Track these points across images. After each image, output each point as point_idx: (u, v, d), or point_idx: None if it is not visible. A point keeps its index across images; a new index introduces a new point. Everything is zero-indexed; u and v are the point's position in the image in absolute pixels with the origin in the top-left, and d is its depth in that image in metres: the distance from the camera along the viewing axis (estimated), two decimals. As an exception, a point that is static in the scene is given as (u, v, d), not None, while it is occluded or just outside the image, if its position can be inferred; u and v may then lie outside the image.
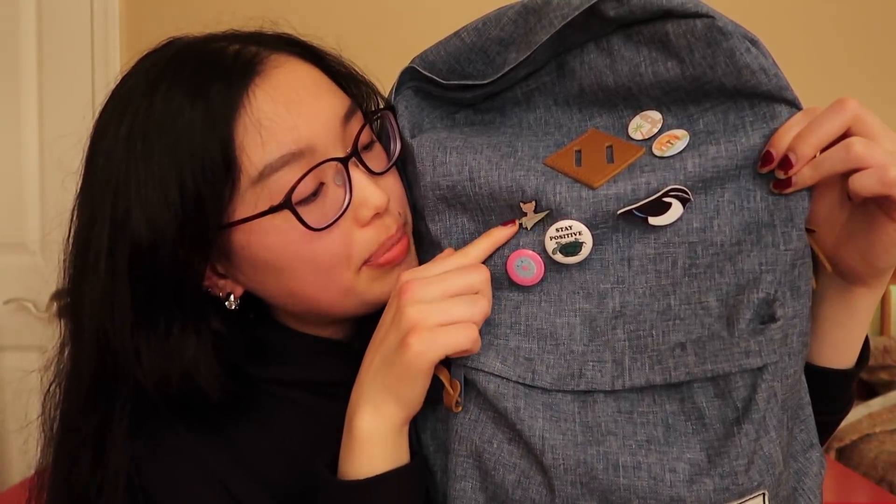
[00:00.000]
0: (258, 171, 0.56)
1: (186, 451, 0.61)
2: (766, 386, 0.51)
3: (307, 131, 0.57)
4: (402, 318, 0.53)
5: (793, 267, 0.54)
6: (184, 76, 0.57)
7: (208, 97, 0.56)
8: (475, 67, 0.61)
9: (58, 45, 1.95)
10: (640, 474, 0.51)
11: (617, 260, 0.55)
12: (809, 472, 0.57)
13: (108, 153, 0.58)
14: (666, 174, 0.53)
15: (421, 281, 0.54)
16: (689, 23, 0.53)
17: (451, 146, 0.59)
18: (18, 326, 1.92)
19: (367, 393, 0.55)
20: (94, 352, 0.59)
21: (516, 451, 0.55)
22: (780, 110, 0.53)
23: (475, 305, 0.54)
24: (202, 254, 0.58)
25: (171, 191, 0.55)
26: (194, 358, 0.59)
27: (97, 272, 0.58)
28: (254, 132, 0.56)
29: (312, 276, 0.59)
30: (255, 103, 0.56)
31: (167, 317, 0.59)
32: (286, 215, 0.57)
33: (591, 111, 0.60)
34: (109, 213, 0.57)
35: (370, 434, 0.55)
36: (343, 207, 0.58)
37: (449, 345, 0.53)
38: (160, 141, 0.56)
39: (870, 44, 2.29)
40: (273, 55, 0.60)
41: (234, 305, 0.63)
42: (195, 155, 0.55)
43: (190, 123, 0.55)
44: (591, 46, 0.58)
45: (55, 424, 0.64)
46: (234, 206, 0.57)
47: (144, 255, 0.56)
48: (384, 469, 0.55)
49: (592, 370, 0.54)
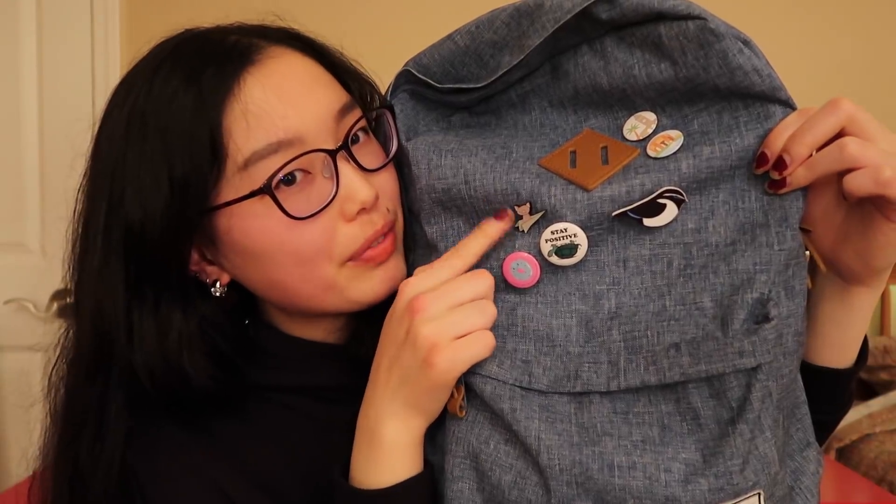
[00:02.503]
0: (245, 157, 0.57)
1: (185, 457, 0.62)
2: (760, 386, 0.51)
3: (297, 121, 0.57)
4: (418, 337, 0.52)
5: (787, 267, 0.54)
6: (183, 62, 0.58)
7: (200, 82, 0.57)
8: (469, 70, 0.61)
9: (58, 45, 1.95)
10: (635, 474, 0.51)
11: (612, 261, 0.55)
12: (806, 471, 0.57)
13: (110, 133, 0.60)
14: (660, 175, 0.54)
15: (430, 296, 0.53)
16: (681, 25, 0.53)
17: (446, 149, 0.59)
18: (18, 326, 1.92)
19: (390, 408, 0.55)
20: (92, 328, 0.61)
21: (513, 451, 0.55)
22: (775, 110, 0.53)
23: (486, 313, 0.54)
24: (187, 235, 0.59)
25: (160, 173, 0.57)
26: (179, 338, 0.60)
27: (95, 250, 0.59)
28: (242, 119, 0.56)
29: (293, 267, 0.59)
30: (246, 90, 0.57)
31: (156, 296, 0.60)
32: (268, 202, 0.57)
33: (585, 112, 0.60)
34: (108, 193, 0.59)
35: (396, 444, 0.55)
36: (329, 199, 0.58)
37: (471, 357, 0.53)
38: (154, 123, 0.57)
39: (864, 43, 2.29)
40: (272, 47, 0.60)
41: (219, 293, 0.63)
42: (184, 138, 0.56)
43: (182, 107, 0.56)
44: (585, 48, 0.58)
45: (59, 398, 0.65)
46: (220, 190, 0.58)
47: (136, 234, 0.58)
48: (405, 477, 0.55)
49: (588, 371, 0.54)
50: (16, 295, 1.93)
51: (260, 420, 0.65)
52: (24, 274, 1.91)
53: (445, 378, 0.53)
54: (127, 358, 0.60)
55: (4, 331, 1.94)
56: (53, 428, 0.65)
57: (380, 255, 0.61)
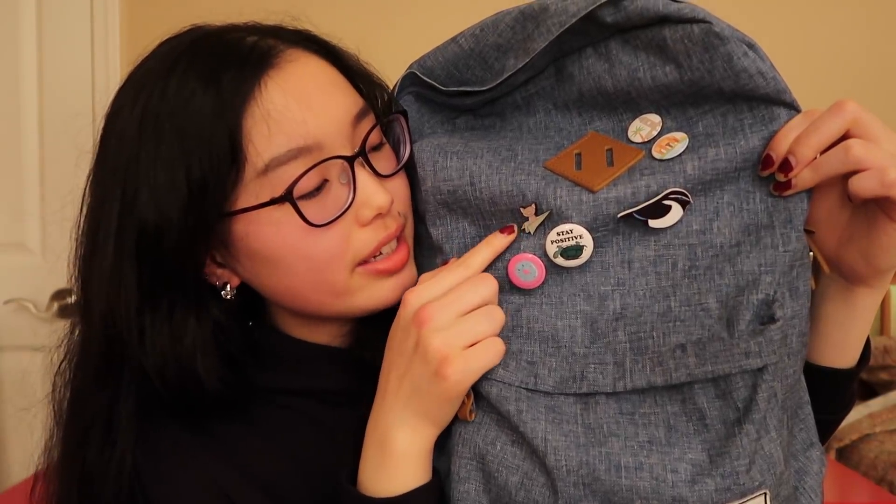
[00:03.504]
0: (264, 163, 0.56)
1: (189, 460, 0.62)
2: (766, 386, 0.51)
3: (316, 127, 0.57)
4: (428, 349, 0.52)
5: (791, 268, 0.54)
6: (199, 62, 0.57)
7: (220, 84, 0.56)
8: (473, 73, 0.61)
9: (58, 45, 1.95)
10: (641, 475, 0.51)
11: (617, 262, 0.55)
12: (810, 471, 0.58)
13: (121, 133, 0.58)
14: (665, 177, 0.54)
15: (436, 305, 0.53)
16: (686, 28, 0.53)
17: (452, 151, 0.59)
18: (18, 326, 1.91)
19: (401, 417, 0.55)
20: (102, 330, 0.60)
21: (519, 453, 0.55)
22: (779, 113, 0.53)
23: (494, 319, 0.54)
24: (204, 239, 0.58)
25: (177, 175, 0.56)
26: (193, 343, 0.59)
27: (106, 251, 0.58)
28: (262, 123, 0.56)
29: (306, 273, 0.59)
30: (266, 94, 0.56)
31: (170, 300, 0.59)
32: (286, 209, 0.57)
33: (590, 115, 0.60)
34: (120, 192, 0.58)
35: (407, 453, 0.55)
36: (345, 206, 0.58)
37: (483, 366, 0.53)
38: (171, 124, 0.56)
39: (869, 44, 2.29)
40: (290, 49, 0.60)
41: (230, 295, 0.63)
42: (203, 141, 0.55)
43: (200, 109, 0.56)
44: (590, 51, 0.58)
45: (65, 402, 0.64)
46: (238, 195, 0.57)
47: (150, 236, 0.57)
48: (415, 485, 0.56)
49: (594, 372, 0.54)
50: (16, 295, 1.92)
51: (263, 422, 0.65)
52: (24, 274, 1.91)
53: (457, 389, 0.53)
54: (138, 360, 0.59)
55: (4, 331, 1.93)
56: (59, 431, 0.65)
57: (395, 265, 0.61)
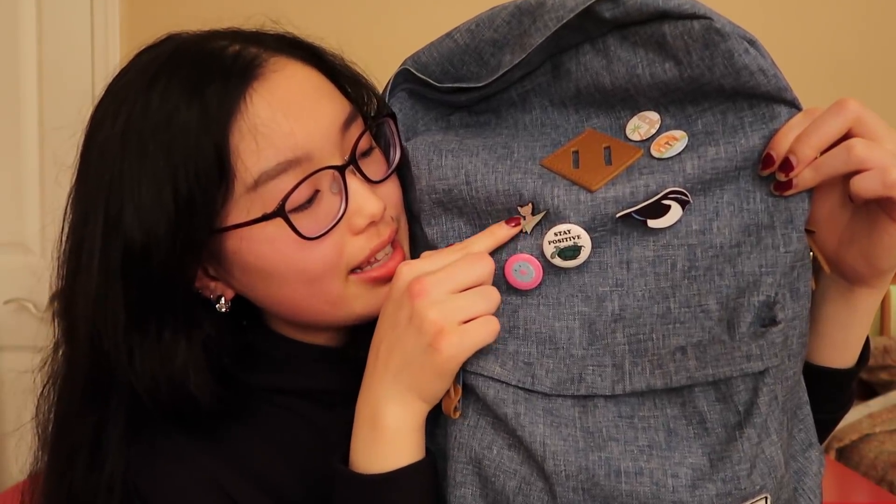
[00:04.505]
0: (254, 178, 0.55)
1: (186, 458, 0.61)
2: (767, 390, 0.51)
3: (304, 138, 0.56)
4: (423, 321, 0.52)
5: (792, 269, 0.54)
6: (182, 74, 0.56)
7: (204, 98, 0.55)
8: (469, 69, 0.60)
9: (58, 45, 1.95)
10: (642, 480, 0.51)
11: (616, 263, 0.55)
12: (809, 472, 0.57)
13: (102, 149, 0.57)
14: (665, 176, 0.53)
15: (432, 279, 0.53)
16: (686, 24, 0.52)
17: (447, 149, 0.58)
18: (18, 326, 1.92)
19: (391, 392, 0.55)
20: (88, 352, 0.58)
21: (516, 457, 0.54)
22: (780, 111, 0.53)
23: (490, 298, 0.54)
24: (194, 257, 0.57)
25: (164, 192, 0.55)
26: (184, 364, 0.58)
27: (90, 271, 0.57)
28: (249, 138, 0.55)
29: (301, 285, 0.59)
30: (253, 108, 0.55)
31: (159, 320, 0.58)
32: (279, 223, 0.56)
33: (587, 112, 0.59)
34: (103, 210, 0.56)
35: (399, 429, 0.55)
36: (338, 216, 0.58)
37: (477, 342, 0.53)
38: (155, 139, 0.55)
39: (870, 43, 2.29)
40: (273, 58, 0.58)
41: (224, 308, 0.62)
42: (189, 157, 0.54)
43: (185, 124, 0.54)
44: (587, 47, 0.57)
45: (50, 426, 0.63)
46: (228, 211, 0.57)
47: (137, 255, 0.56)
48: (407, 462, 0.55)
49: (592, 374, 0.54)
50: (16, 295, 1.93)
51: (260, 421, 0.64)
52: (24, 274, 1.90)
53: (450, 364, 0.53)
54: (127, 381, 0.58)
55: (4, 331, 1.94)
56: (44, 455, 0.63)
57: (390, 272, 0.59)
